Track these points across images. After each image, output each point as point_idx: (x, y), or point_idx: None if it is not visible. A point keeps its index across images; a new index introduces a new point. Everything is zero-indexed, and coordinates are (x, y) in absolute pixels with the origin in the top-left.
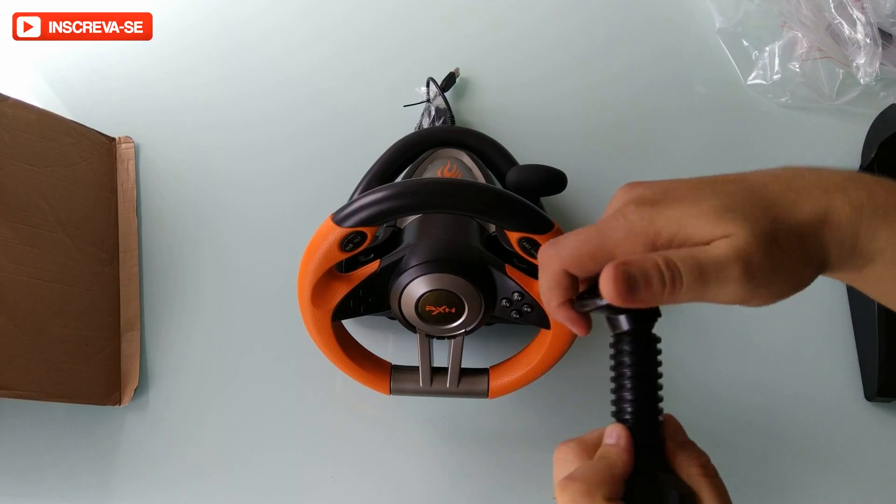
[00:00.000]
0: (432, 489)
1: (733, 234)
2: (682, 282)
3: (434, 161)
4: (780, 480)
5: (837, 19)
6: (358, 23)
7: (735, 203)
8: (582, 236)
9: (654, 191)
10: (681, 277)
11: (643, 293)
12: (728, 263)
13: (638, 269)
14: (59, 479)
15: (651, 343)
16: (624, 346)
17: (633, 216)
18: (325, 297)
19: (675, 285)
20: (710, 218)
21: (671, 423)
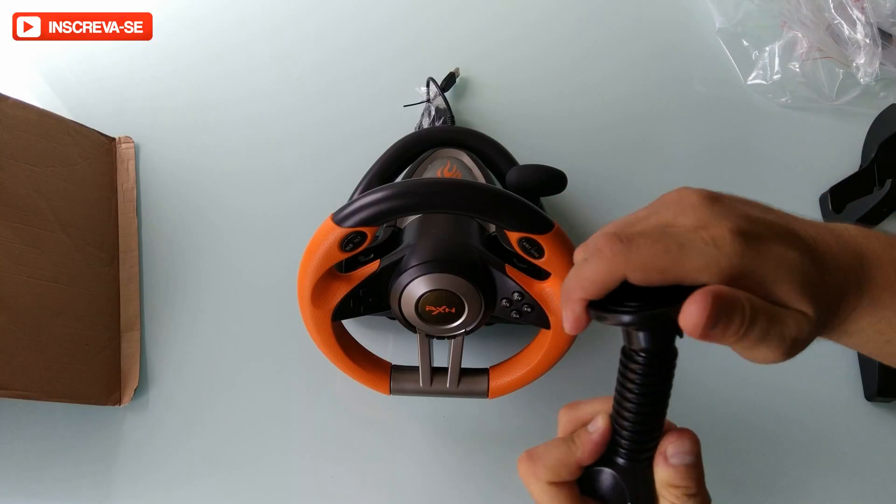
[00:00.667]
0: (432, 489)
1: (808, 314)
2: (753, 331)
3: (434, 161)
4: (780, 480)
5: (837, 19)
6: (358, 23)
7: (814, 279)
8: (660, 245)
9: (750, 223)
10: (753, 327)
11: (720, 330)
12: (791, 337)
13: (728, 304)
14: (59, 479)
15: (668, 362)
16: (636, 362)
17: (728, 248)
18: (325, 297)
19: (742, 331)
20: (798, 290)
21: (683, 441)
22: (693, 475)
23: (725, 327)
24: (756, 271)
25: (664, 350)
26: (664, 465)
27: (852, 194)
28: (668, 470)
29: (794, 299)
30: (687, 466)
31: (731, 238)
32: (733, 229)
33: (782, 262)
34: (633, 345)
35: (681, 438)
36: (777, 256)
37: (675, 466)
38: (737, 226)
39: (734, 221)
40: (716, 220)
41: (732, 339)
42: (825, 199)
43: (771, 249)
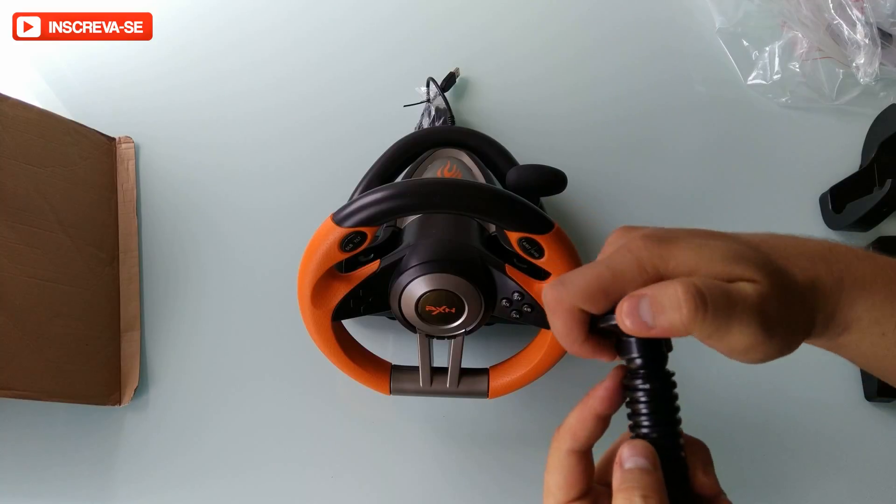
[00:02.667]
0: (432, 489)
1: (755, 279)
2: (709, 309)
3: (434, 161)
4: (780, 480)
5: (837, 19)
6: (357, 22)
7: (746, 253)
8: (591, 272)
9: (656, 231)
10: (705, 304)
11: (656, 319)
12: (753, 305)
13: (653, 293)
14: (59, 479)
15: (664, 367)
16: (637, 378)
17: (643, 252)
18: (325, 297)
19: (699, 312)
20: (728, 261)
21: (702, 452)
22: (648, 482)
23: (658, 312)
24: (682, 263)
25: (653, 351)
26: (619, 471)
27: (852, 194)
28: (622, 474)
29: (727, 270)
30: (641, 470)
31: (643, 243)
32: (642, 237)
33: (701, 248)
34: (628, 353)
35: (632, 443)
36: (694, 245)
37: (630, 470)
38: (643, 234)
39: (640, 232)
40: (629, 237)
41: (681, 318)
42: (825, 199)
43: (685, 242)
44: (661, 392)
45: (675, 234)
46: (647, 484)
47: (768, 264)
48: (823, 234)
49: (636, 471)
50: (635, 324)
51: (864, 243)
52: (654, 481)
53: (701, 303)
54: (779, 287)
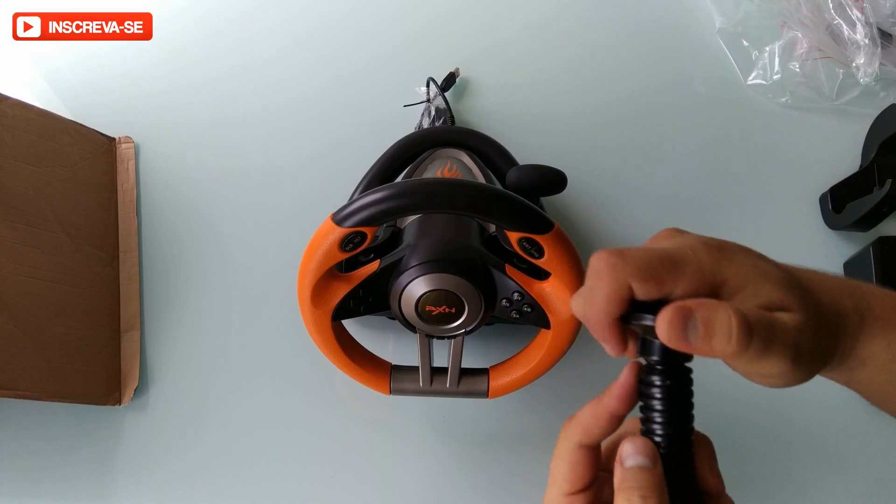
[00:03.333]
0: (432, 489)
1: (794, 309)
2: (754, 341)
3: (434, 161)
4: (780, 480)
5: (837, 20)
6: (357, 22)
7: (791, 281)
8: (655, 253)
9: (713, 240)
10: (751, 336)
11: (701, 342)
12: (790, 337)
13: (706, 315)
14: (59, 479)
15: (685, 373)
16: (654, 375)
17: (704, 256)
18: (325, 297)
19: (745, 343)
20: (778, 286)
21: (707, 448)
22: (648, 481)
23: (708, 338)
24: (737, 276)
25: (677, 358)
26: (619, 469)
27: (852, 194)
28: (622, 472)
29: (776, 296)
30: (641, 469)
31: (703, 247)
32: (703, 240)
33: (756, 267)
34: (650, 354)
35: (633, 439)
36: (749, 263)
37: (630, 469)
38: (706, 239)
39: (702, 238)
40: (689, 237)
41: (727, 348)
42: (825, 199)
43: (742, 257)
44: (678, 391)
45: (730, 246)
46: (647, 483)
47: (808, 296)
48: (823, 234)
49: (636, 470)
50: (676, 337)
51: (864, 243)
52: (654, 480)
53: (748, 335)
54: (814, 319)
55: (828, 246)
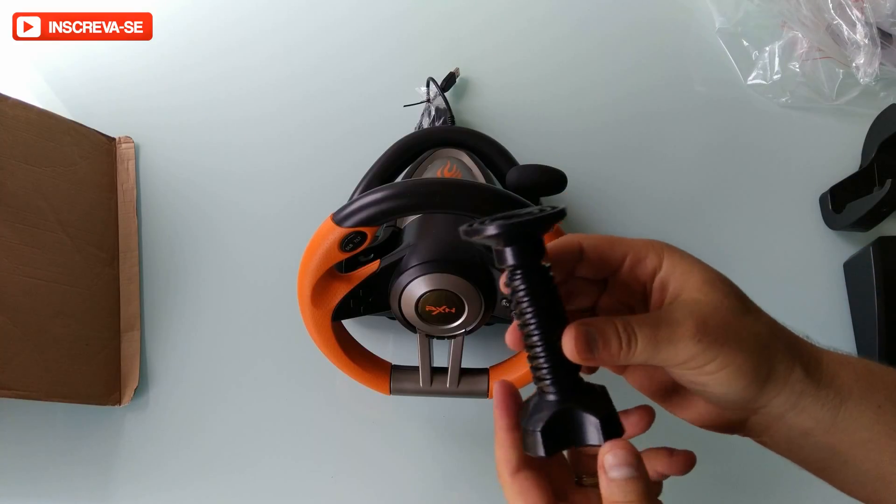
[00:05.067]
0: (432, 489)
1: (702, 300)
2: (637, 345)
3: (434, 161)
4: (779, 480)
5: (837, 20)
6: (358, 22)
7: (724, 280)
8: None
9: None
10: (636, 341)
11: (601, 353)
12: (682, 321)
13: (598, 329)
14: (59, 479)
15: (541, 273)
16: (516, 280)
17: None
18: (325, 297)
19: (631, 347)
20: (696, 275)
21: (617, 452)
22: (634, 488)
23: (606, 348)
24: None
25: (533, 264)
26: (605, 480)
27: (852, 194)
28: (609, 485)
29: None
30: (627, 480)
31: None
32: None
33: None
34: (504, 263)
35: (614, 449)
36: (685, 261)
37: (616, 480)
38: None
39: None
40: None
41: (623, 356)
42: (825, 199)
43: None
44: (539, 282)
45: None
46: (637, 490)
47: (733, 290)
48: (823, 234)
49: (622, 482)
50: (571, 350)
51: (864, 243)
52: (643, 486)
53: (627, 340)
54: (730, 306)
55: (828, 246)
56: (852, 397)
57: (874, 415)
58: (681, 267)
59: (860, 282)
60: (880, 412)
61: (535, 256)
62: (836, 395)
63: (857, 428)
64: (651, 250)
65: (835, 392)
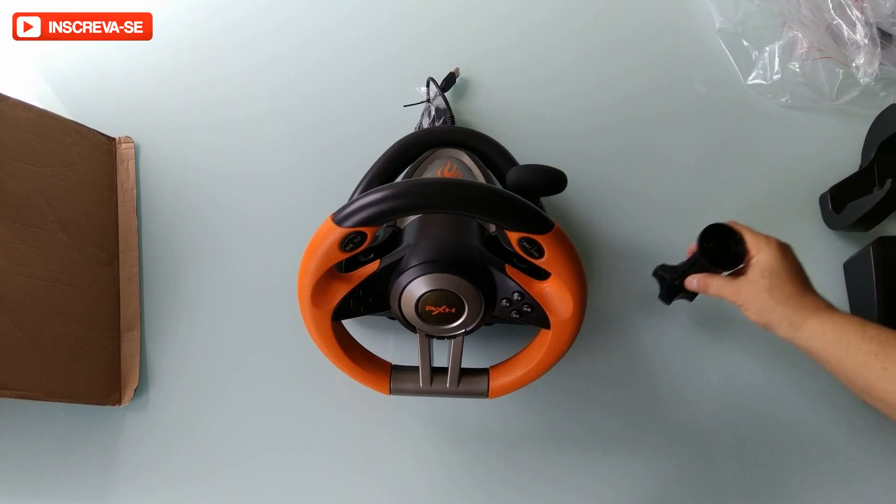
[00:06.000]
0: (432, 488)
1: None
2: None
3: (434, 161)
4: (780, 480)
5: (837, 20)
6: (358, 23)
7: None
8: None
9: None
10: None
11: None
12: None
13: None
14: (59, 479)
15: None
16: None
17: None
18: (326, 297)
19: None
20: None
21: None
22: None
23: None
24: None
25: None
26: None
27: (852, 194)
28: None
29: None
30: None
31: None
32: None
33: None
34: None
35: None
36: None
37: None
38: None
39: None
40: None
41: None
42: (825, 198)
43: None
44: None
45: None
46: None
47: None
48: (823, 234)
49: None
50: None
51: (864, 243)
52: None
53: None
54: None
55: (828, 246)
56: (813, 338)
57: (819, 344)
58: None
59: (860, 282)
60: (826, 343)
61: None
62: (802, 338)
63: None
64: None
65: (801, 336)
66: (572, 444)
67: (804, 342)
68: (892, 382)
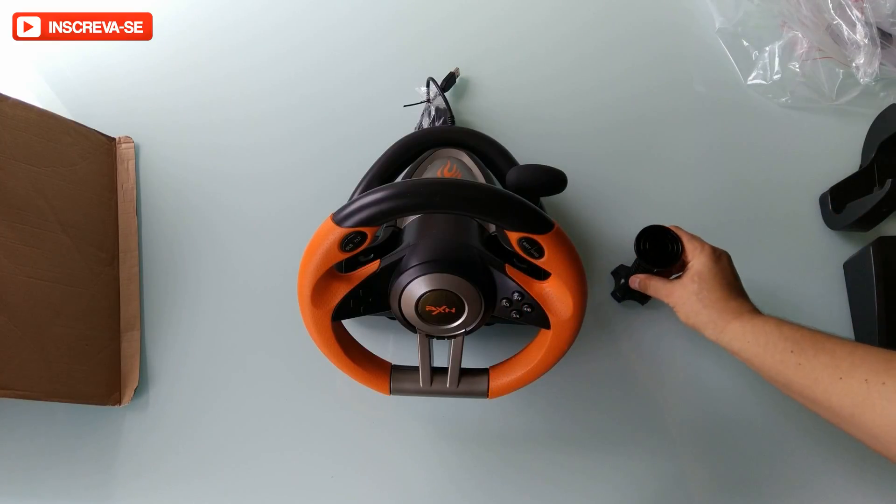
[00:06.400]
0: (432, 488)
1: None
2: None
3: (434, 161)
4: (780, 480)
5: (837, 20)
6: (358, 23)
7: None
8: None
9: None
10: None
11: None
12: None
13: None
14: (59, 479)
15: None
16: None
17: None
18: (326, 297)
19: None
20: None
21: None
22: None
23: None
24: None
25: None
26: None
27: (852, 194)
28: None
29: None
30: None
31: None
32: None
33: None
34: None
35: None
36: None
37: None
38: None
39: None
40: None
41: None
42: (825, 198)
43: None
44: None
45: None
46: None
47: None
48: (823, 234)
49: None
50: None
51: (864, 243)
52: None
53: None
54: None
55: (828, 246)
56: (735, 340)
57: (740, 345)
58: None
59: (860, 282)
60: (746, 344)
61: None
62: (726, 340)
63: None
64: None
65: (725, 339)
66: (572, 444)
67: (727, 344)
68: (806, 377)
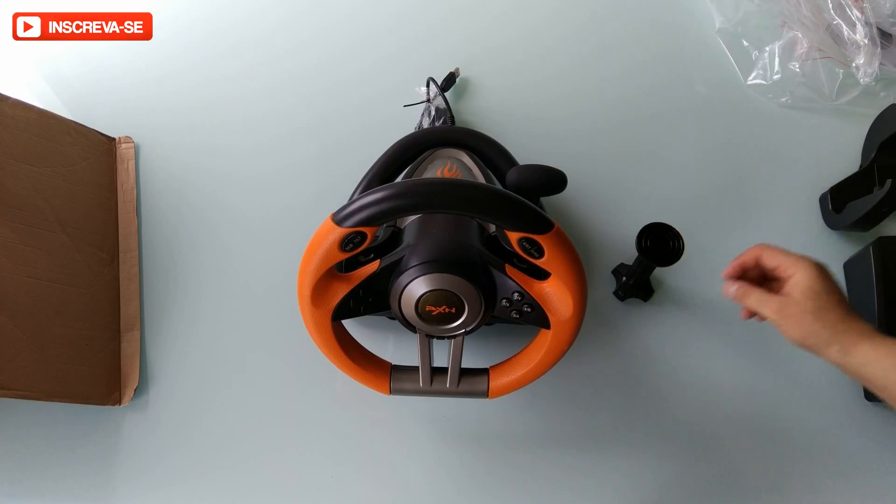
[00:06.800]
0: (432, 488)
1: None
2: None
3: (434, 161)
4: (780, 480)
5: (837, 20)
6: (358, 23)
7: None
8: None
9: None
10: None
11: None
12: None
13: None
14: (59, 479)
15: None
16: None
17: None
18: (326, 297)
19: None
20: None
21: None
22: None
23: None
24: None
25: None
26: None
27: (852, 194)
28: None
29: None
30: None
31: None
32: None
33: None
34: None
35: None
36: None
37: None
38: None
39: None
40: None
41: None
42: (825, 198)
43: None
44: None
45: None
46: None
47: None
48: (823, 234)
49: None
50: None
51: (864, 243)
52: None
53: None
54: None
55: (828, 246)
56: (868, 365)
57: (874, 371)
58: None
59: (860, 282)
60: (885, 371)
61: None
62: (855, 364)
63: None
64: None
65: (854, 362)
66: (572, 444)
67: (857, 368)
68: None
